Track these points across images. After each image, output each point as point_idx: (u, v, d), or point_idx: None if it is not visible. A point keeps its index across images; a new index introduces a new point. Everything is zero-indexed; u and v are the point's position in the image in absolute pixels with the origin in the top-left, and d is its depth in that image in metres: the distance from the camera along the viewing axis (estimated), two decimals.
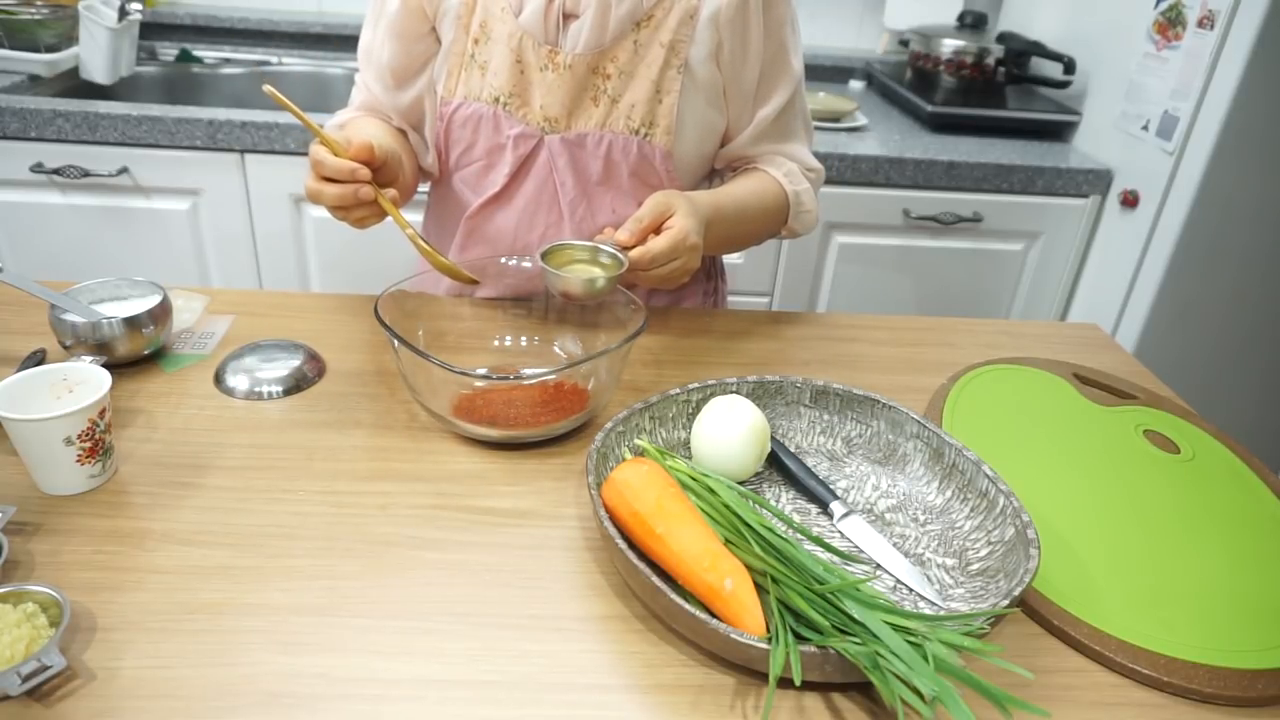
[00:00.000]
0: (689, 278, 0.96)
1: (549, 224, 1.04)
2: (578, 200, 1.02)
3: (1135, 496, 0.82)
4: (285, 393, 0.88)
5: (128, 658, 0.59)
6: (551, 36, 0.96)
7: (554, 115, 0.98)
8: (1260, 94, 1.53)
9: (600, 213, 1.03)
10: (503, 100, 0.98)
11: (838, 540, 0.75)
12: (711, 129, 1.04)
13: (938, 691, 0.55)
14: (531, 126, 0.99)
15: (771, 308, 1.88)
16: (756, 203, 1.05)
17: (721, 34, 0.97)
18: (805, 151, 1.11)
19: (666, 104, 0.98)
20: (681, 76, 0.97)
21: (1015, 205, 1.81)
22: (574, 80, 0.97)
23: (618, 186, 1.02)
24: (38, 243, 1.68)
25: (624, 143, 0.99)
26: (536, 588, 0.68)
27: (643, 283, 0.93)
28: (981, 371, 1.00)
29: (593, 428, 0.86)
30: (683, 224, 0.91)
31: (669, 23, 0.95)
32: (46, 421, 0.69)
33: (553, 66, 0.96)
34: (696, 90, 0.99)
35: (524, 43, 0.96)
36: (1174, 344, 1.76)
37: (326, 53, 2.14)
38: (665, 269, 0.91)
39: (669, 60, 0.96)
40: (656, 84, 0.97)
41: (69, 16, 1.80)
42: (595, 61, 0.96)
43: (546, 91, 0.97)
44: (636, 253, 0.89)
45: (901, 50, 2.25)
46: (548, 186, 1.02)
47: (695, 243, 0.92)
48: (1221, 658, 0.65)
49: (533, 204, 1.03)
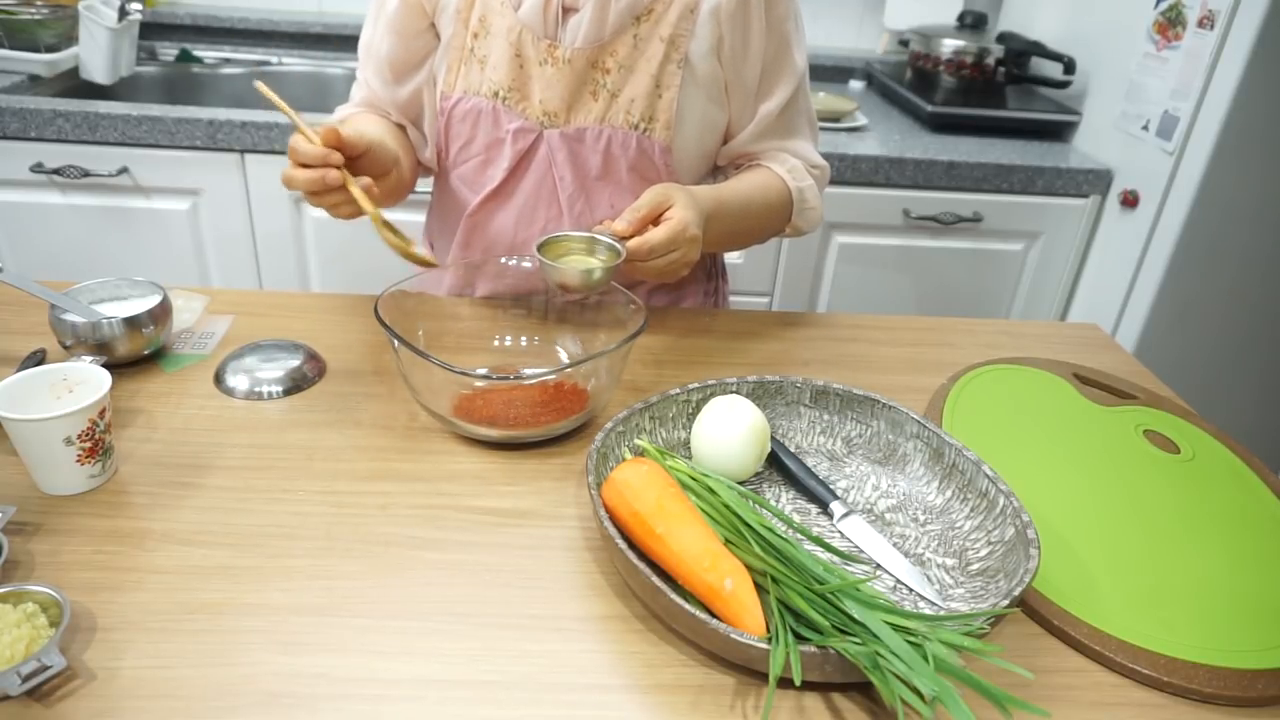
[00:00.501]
0: (688, 270, 0.96)
1: (548, 219, 1.04)
2: (576, 195, 1.02)
3: (1135, 496, 0.82)
4: (285, 393, 0.88)
5: (128, 658, 0.59)
6: (551, 30, 0.96)
7: (553, 109, 0.98)
8: (1260, 94, 1.53)
9: (599, 208, 1.03)
10: (502, 94, 0.98)
11: (838, 540, 0.75)
12: (713, 125, 1.04)
13: (938, 691, 0.55)
14: (530, 121, 0.99)
15: (771, 308, 1.88)
16: (760, 199, 1.05)
17: (722, 29, 0.97)
18: (810, 148, 1.11)
19: (666, 99, 0.98)
20: (681, 71, 0.97)
21: (1015, 205, 1.81)
22: (573, 74, 0.96)
23: (617, 182, 1.02)
24: (38, 243, 1.68)
25: (623, 137, 0.99)
26: (536, 588, 0.68)
27: (641, 274, 0.93)
28: (981, 371, 1.00)
29: (593, 428, 0.86)
30: (682, 215, 0.90)
31: (669, 17, 0.95)
32: (46, 421, 0.69)
33: (552, 61, 0.96)
34: (697, 85, 0.99)
35: (523, 37, 0.96)
36: (1174, 344, 1.76)
37: (326, 53, 2.14)
38: (663, 260, 0.91)
39: (669, 55, 0.96)
40: (656, 79, 0.97)
41: (69, 16, 1.80)
42: (595, 56, 0.96)
43: (545, 86, 0.97)
44: (634, 243, 0.88)
45: (901, 50, 2.25)
46: (546, 181, 1.02)
47: (694, 234, 0.91)
48: (1221, 658, 0.65)
49: (532, 199, 1.03)
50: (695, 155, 1.05)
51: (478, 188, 1.04)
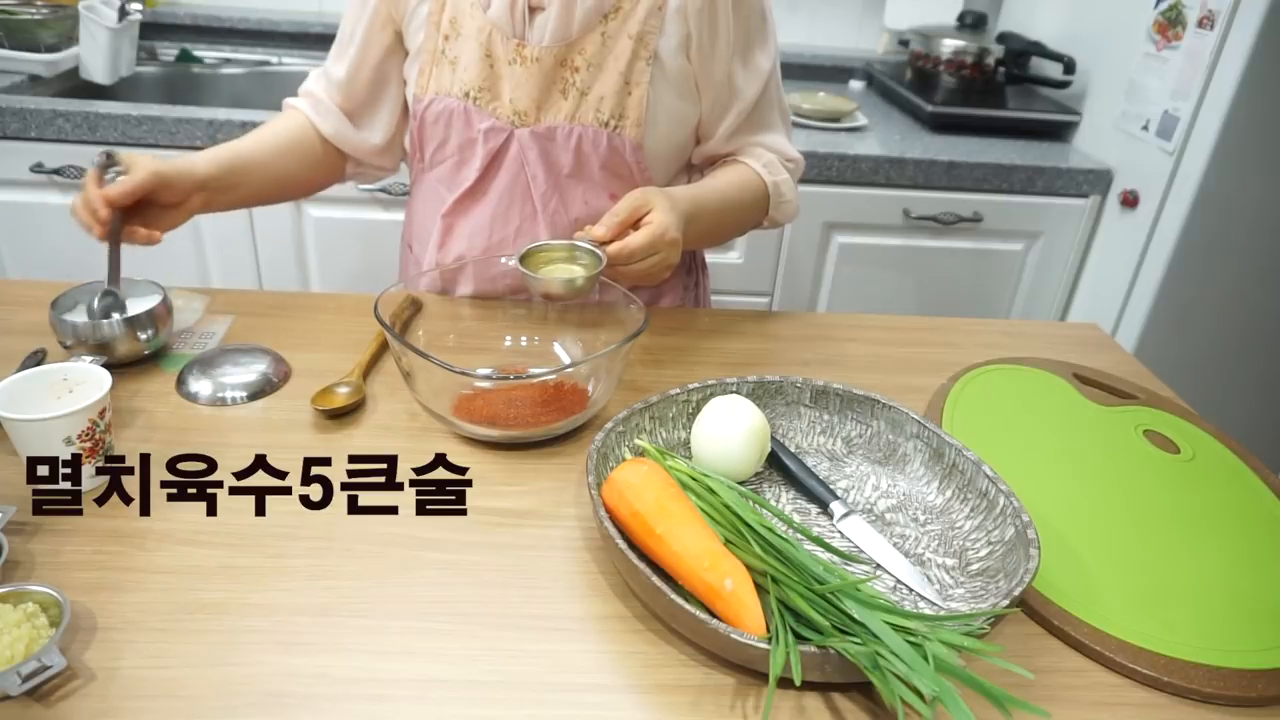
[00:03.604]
0: (669, 274, 0.96)
1: (523, 218, 1.03)
2: (550, 193, 1.02)
3: (1135, 496, 0.82)
4: (250, 397, 0.87)
5: (128, 658, 0.59)
6: (519, 29, 0.96)
7: (523, 108, 0.98)
8: (1260, 94, 1.53)
9: (573, 205, 1.03)
10: (473, 95, 0.98)
11: (838, 540, 0.75)
12: (683, 121, 1.03)
13: (938, 691, 0.55)
14: (501, 120, 0.99)
15: (772, 308, 1.88)
16: (736, 195, 1.05)
17: (690, 25, 0.96)
18: (784, 141, 1.10)
19: (636, 96, 0.97)
20: (651, 68, 0.96)
21: (1015, 205, 1.81)
22: (541, 73, 0.96)
23: (589, 179, 1.02)
24: (38, 243, 1.68)
25: (594, 135, 0.98)
26: (536, 588, 0.68)
27: (622, 278, 0.92)
28: (981, 371, 1.00)
29: (593, 428, 0.86)
30: (661, 219, 0.90)
31: (637, 14, 0.95)
32: (46, 421, 0.69)
33: (520, 59, 0.96)
34: (667, 82, 0.98)
35: (492, 36, 0.96)
36: (1174, 344, 1.76)
37: (326, 53, 2.12)
38: (644, 264, 0.91)
39: (637, 52, 0.96)
40: (625, 76, 0.96)
41: (69, 16, 1.80)
42: (563, 54, 0.96)
43: (515, 85, 0.97)
44: (614, 248, 0.88)
45: (901, 50, 2.24)
46: (520, 180, 1.02)
47: (674, 237, 0.91)
48: (1221, 658, 0.65)
49: (506, 198, 1.03)
50: (667, 152, 1.04)
51: (453, 188, 1.04)
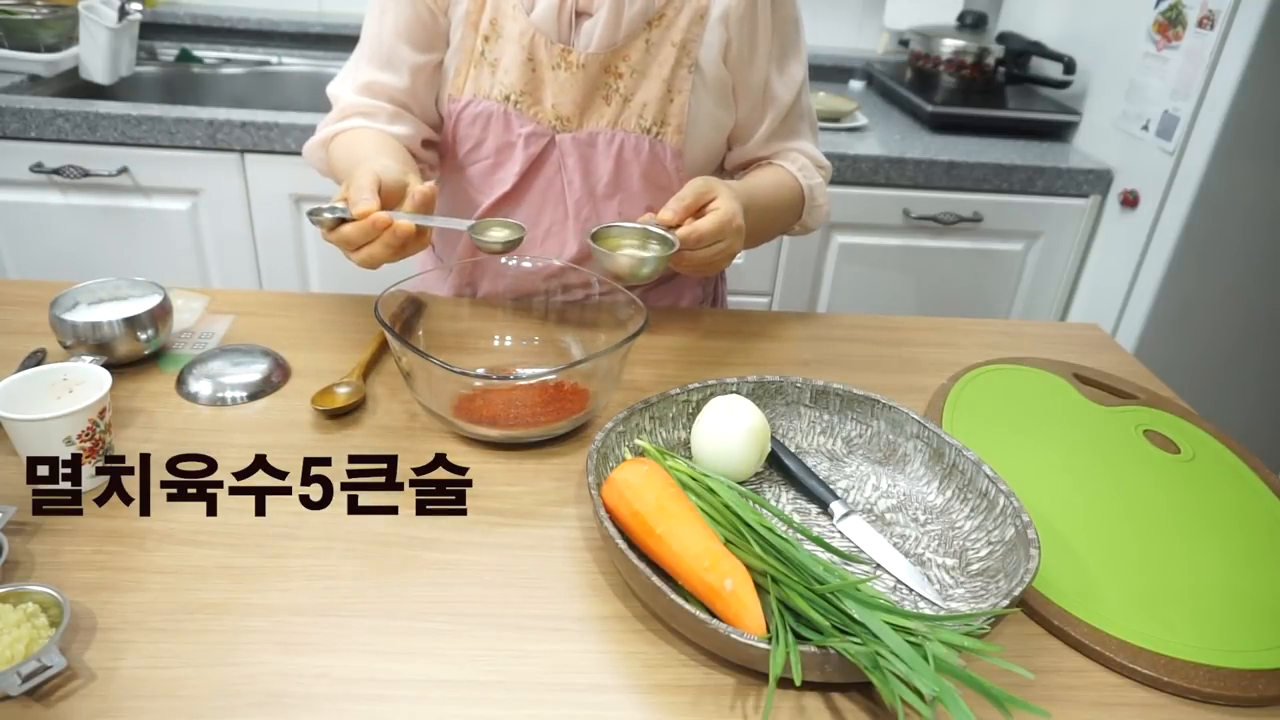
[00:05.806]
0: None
1: (553, 222, 1.04)
2: (584, 201, 1.02)
3: (1135, 496, 0.82)
4: (249, 397, 0.87)
5: (128, 658, 0.59)
6: (564, 35, 0.96)
7: (566, 114, 0.98)
8: (1260, 94, 1.53)
9: (606, 214, 1.03)
10: (513, 99, 0.98)
11: (838, 540, 0.75)
12: (720, 127, 1.04)
13: (938, 691, 0.55)
14: (543, 125, 0.99)
15: (771, 308, 1.88)
16: (775, 194, 1.05)
17: (730, 33, 0.97)
18: (813, 148, 1.11)
19: (678, 103, 0.98)
20: (692, 76, 0.97)
21: (1015, 205, 1.81)
22: (586, 79, 0.96)
23: (626, 188, 1.02)
24: (38, 243, 1.68)
25: (635, 142, 0.99)
26: (536, 588, 0.68)
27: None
28: (981, 371, 1.00)
29: (593, 428, 0.86)
30: (728, 205, 0.89)
31: (680, 22, 0.95)
32: (46, 421, 0.69)
33: (565, 65, 0.96)
34: (706, 89, 0.99)
35: (536, 40, 0.95)
36: (1174, 344, 1.76)
37: (326, 53, 2.13)
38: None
39: (680, 59, 0.96)
40: (668, 83, 0.97)
41: (69, 16, 1.80)
42: (608, 60, 0.96)
43: (558, 90, 0.97)
44: (683, 232, 0.87)
45: (901, 50, 2.24)
46: (555, 185, 1.02)
47: (740, 225, 0.90)
48: (1221, 658, 0.65)
49: (538, 203, 1.03)
50: (703, 157, 1.05)
51: (486, 190, 1.04)
